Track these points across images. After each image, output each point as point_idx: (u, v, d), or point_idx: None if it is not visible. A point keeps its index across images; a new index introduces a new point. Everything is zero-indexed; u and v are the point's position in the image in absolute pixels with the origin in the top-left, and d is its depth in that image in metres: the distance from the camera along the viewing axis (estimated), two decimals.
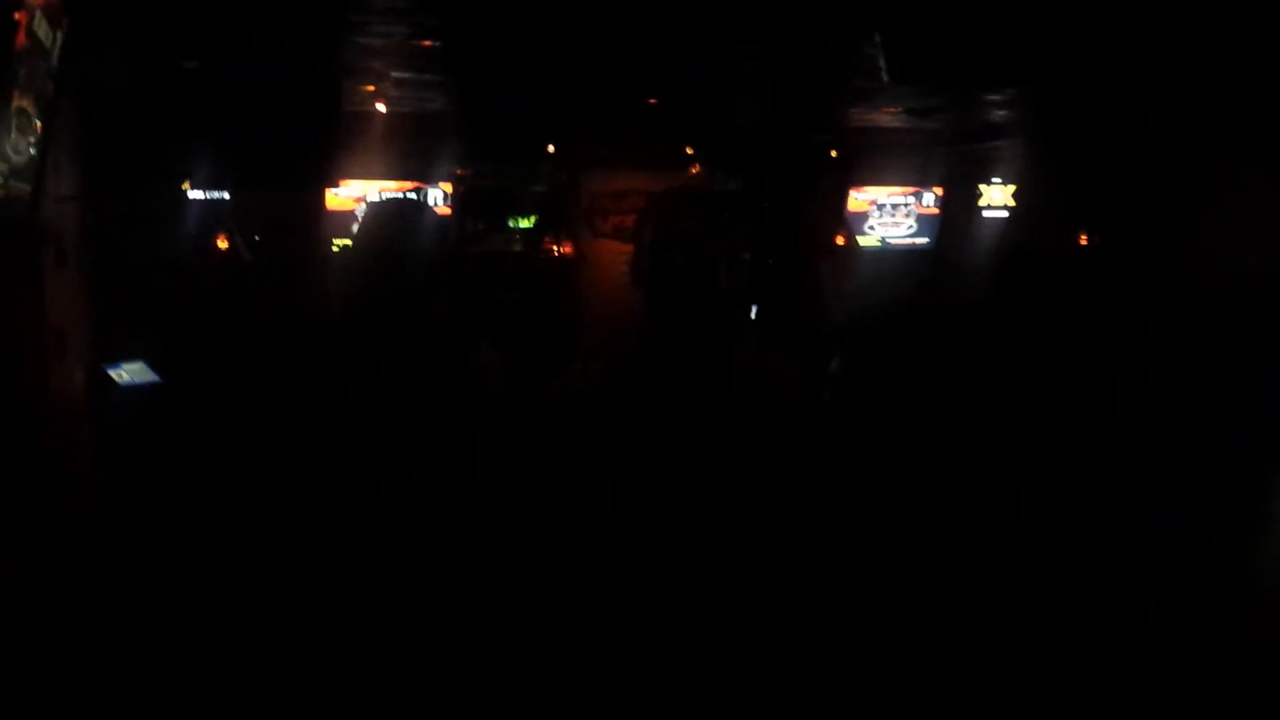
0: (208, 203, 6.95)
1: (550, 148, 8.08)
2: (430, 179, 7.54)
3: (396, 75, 5.69)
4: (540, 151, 8.12)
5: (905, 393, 2.29)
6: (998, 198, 8.74)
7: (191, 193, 6.84)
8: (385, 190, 7.48)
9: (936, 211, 8.79)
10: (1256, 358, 3.41)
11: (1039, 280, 6.62)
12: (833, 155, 8.21)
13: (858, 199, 8.66)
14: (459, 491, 2.06)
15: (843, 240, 8.40)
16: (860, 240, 8.60)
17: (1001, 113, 6.81)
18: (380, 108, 6.72)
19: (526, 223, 8.34)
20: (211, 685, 2.33)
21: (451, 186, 7.76)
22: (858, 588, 2.08)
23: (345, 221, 7.59)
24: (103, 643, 2.75)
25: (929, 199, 8.77)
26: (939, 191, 8.76)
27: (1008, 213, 8.68)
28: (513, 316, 7.04)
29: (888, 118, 7.26)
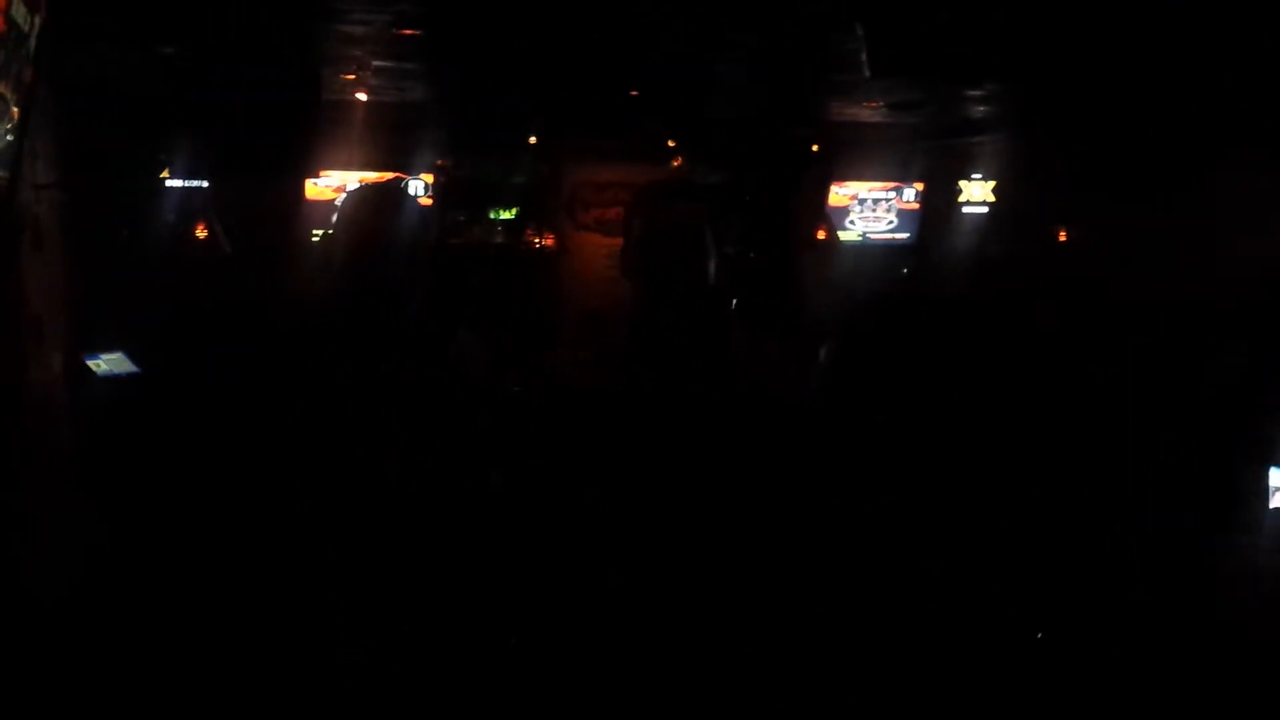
0: (186, 191, 6.89)
1: (532, 139, 8.06)
2: (411, 169, 7.50)
3: (378, 64, 5.66)
4: (522, 143, 8.10)
5: (888, 388, 2.30)
6: (978, 193, 8.78)
7: (170, 181, 6.79)
8: (365, 180, 7.44)
9: (917, 206, 8.82)
10: (1238, 354, 3.44)
11: (1017, 276, 6.67)
12: (814, 150, 8.22)
13: (839, 194, 8.68)
14: (457, 491, 2.05)
15: (823, 234, 8.43)
16: (841, 235, 8.61)
17: (982, 108, 6.84)
18: (361, 97, 6.68)
19: (508, 214, 8.31)
20: (211, 685, 2.30)
21: (433, 177, 7.72)
22: (857, 587, 2.08)
23: (325, 212, 7.54)
24: (95, 640, 2.71)
25: (910, 194, 8.79)
26: (920, 187, 8.79)
27: (987, 208, 8.72)
28: (492, 307, 7.02)
29: (869, 112, 7.28)
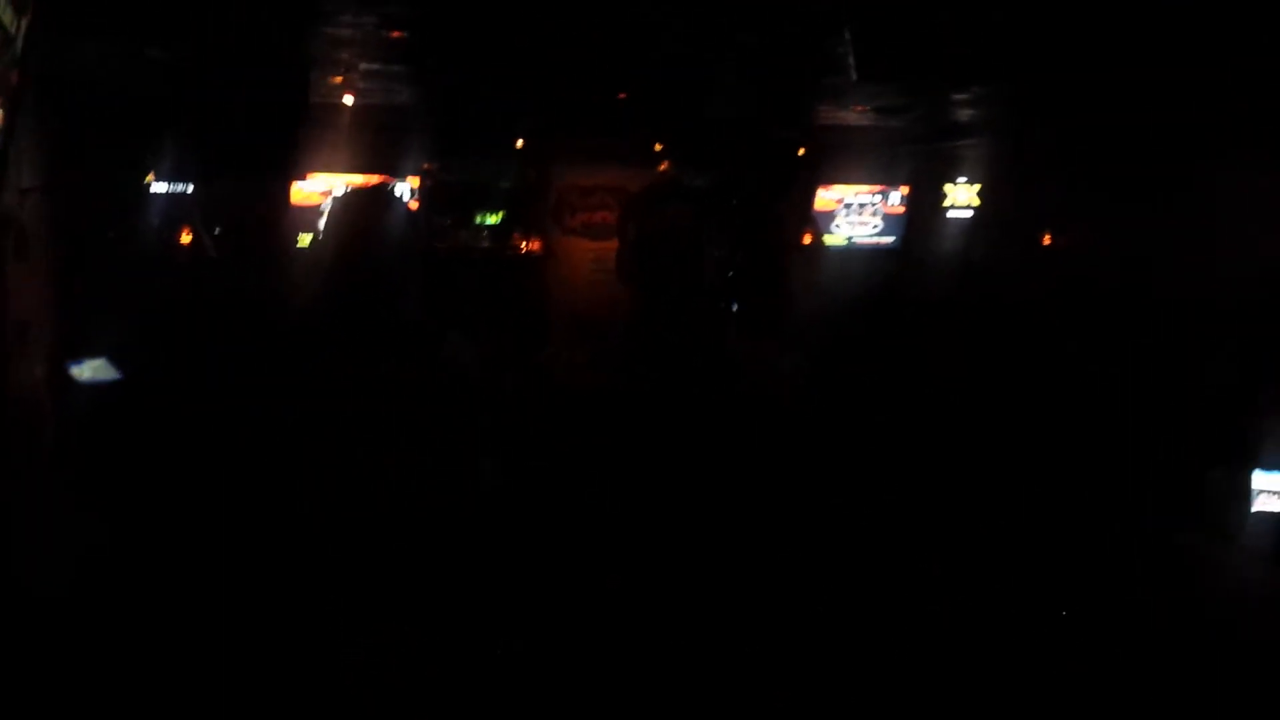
0: (171, 195, 6.85)
1: (518, 143, 8.05)
2: (397, 173, 7.48)
3: (365, 67, 5.65)
4: (508, 147, 8.08)
5: (880, 390, 2.31)
6: (962, 197, 8.81)
7: (155, 185, 6.74)
8: (352, 184, 7.41)
9: (902, 210, 8.84)
10: (1222, 358, 3.47)
11: (1002, 279, 6.70)
12: (800, 153, 8.24)
13: (825, 197, 8.69)
14: (454, 490, 2.05)
15: (809, 238, 8.44)
16: (827, 239, 8.63)
17: (969, 112, 6.86)
18: (348, 100, 6.66)
19: (494, 219, 8.29)
20: (212, 685, 2.29)
21: (419, 181, 7.70)
22: (856, 587, 2.09)
23: (311, 216, 7.51)
24: (91, 643, 2.70)
25: (895, 198, 8.82)
26: (905, 191, 8.81)
27: (972, 212, 8.76)
28: (480, 311, 7.00)
29: (856, 116, 7.30)
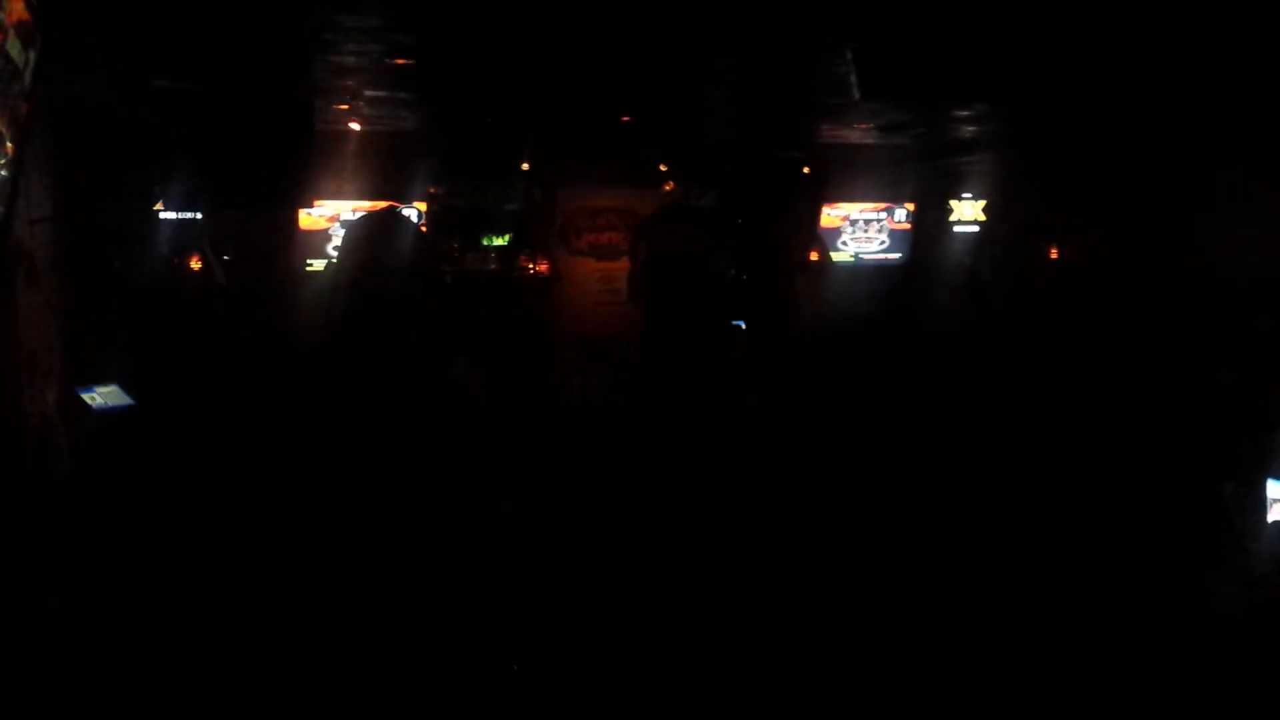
0: (180, 223, 6.90)
1: (525, 166, 8.09)
2: (404, 198, 7.52)
3: (370, 94, 5.69)
4: (515, 170, 8.12)
5: (887, 400, 2.31)
6: (968, 213, 8.82)
7: (164, 213, 6.80)
8: (359, 210, 7.44)
9: (908, 226, 8.85)
10: (1236, 365, 3.46)
11: (1010, 292, 6.70)
12: (805, 171, 8.26)
13: (831, 215, 8.71)
14: (459, 494, 2.06)
15: (816, 256, 8.46)
16: (833, 256, 8.64)
17: (972, 128, 6.88)
18: (354, 126, 6.71)
19: (501, 241, 8.32)
20: (212, 686, 2.31)
21: (425, 205, 7.73)
22: (857, 587, 2.09)
23: (319, 242, 7.55)
24: (96, 655, 2.72)
25: (901, 214, 8.83)
26: (911, 207, 8.82)
27: (978, 227, 8.76)
28: (489, 332, 7.03)
29: (859, 134, 7.32)
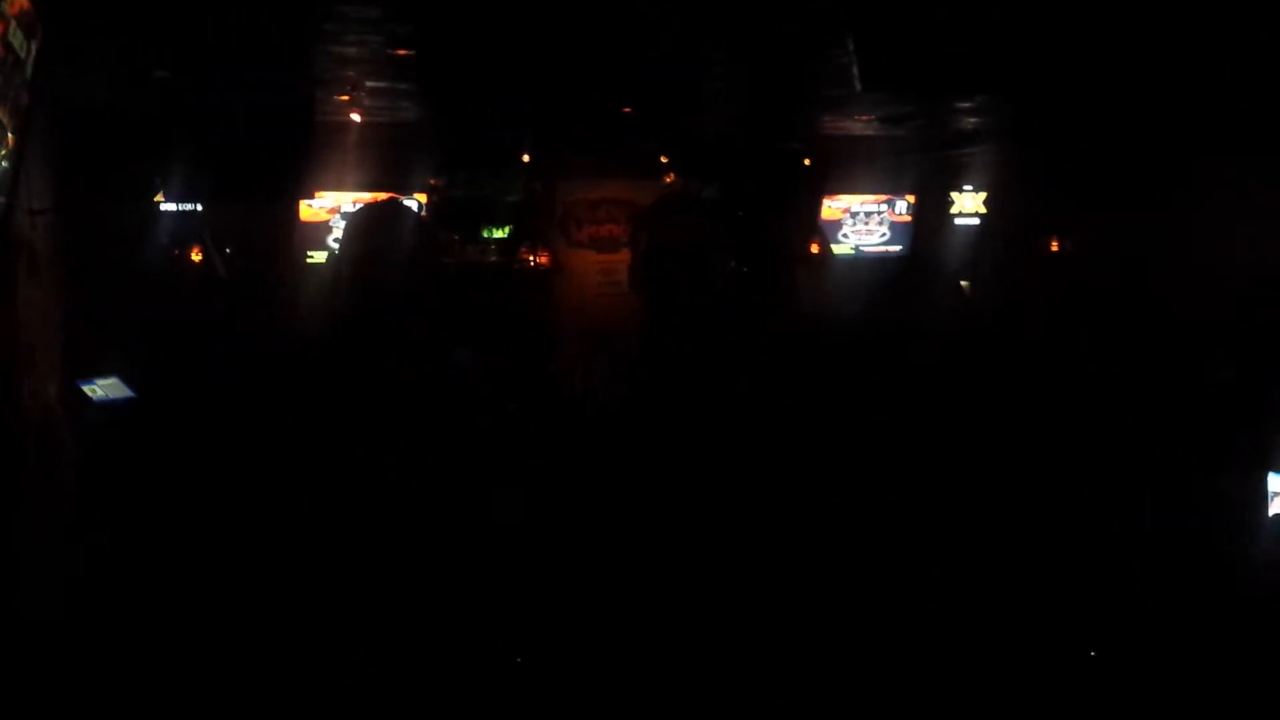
0: (181, 215, 6.88)
1: (525, 158, 8.08)
2: (405, 189, 7.50)
3: (371, 85, 5.68)
4: (515, 162, 8.11)
5: (888, 395, 2.31)
6: (969, 205, 8.82)
7: (165, 205, 6.79)
8: (360, 201, 7.43)
9: (909, 219, 8.85)
10: (1237, 361, 3.46)
11: (1010, 286, 6.70)
12: (806, 163, 8.25)
13: (831, 207, 8.71)
14: (458, 491, 2.06)
15: (817, 248, 8.46)
16: (834, 248, 8.64)
17: (973, 120, 6.87)
18: (355, 118, 6.70)
19: (501, 233, 8.32)
20: (213, 686, 2.32)
21: (426, 197, 7.72)
22: (857, 587, 2.09)
23: (320, 234, 7.55)
24: (97, 650, 2.73)
25: (901, 206, 8.83)
26: (911, 199, 8.83)
27: (979, 220, 8.76)
28: (489, 324, 7.03)
29: (860, 126, 7.31)
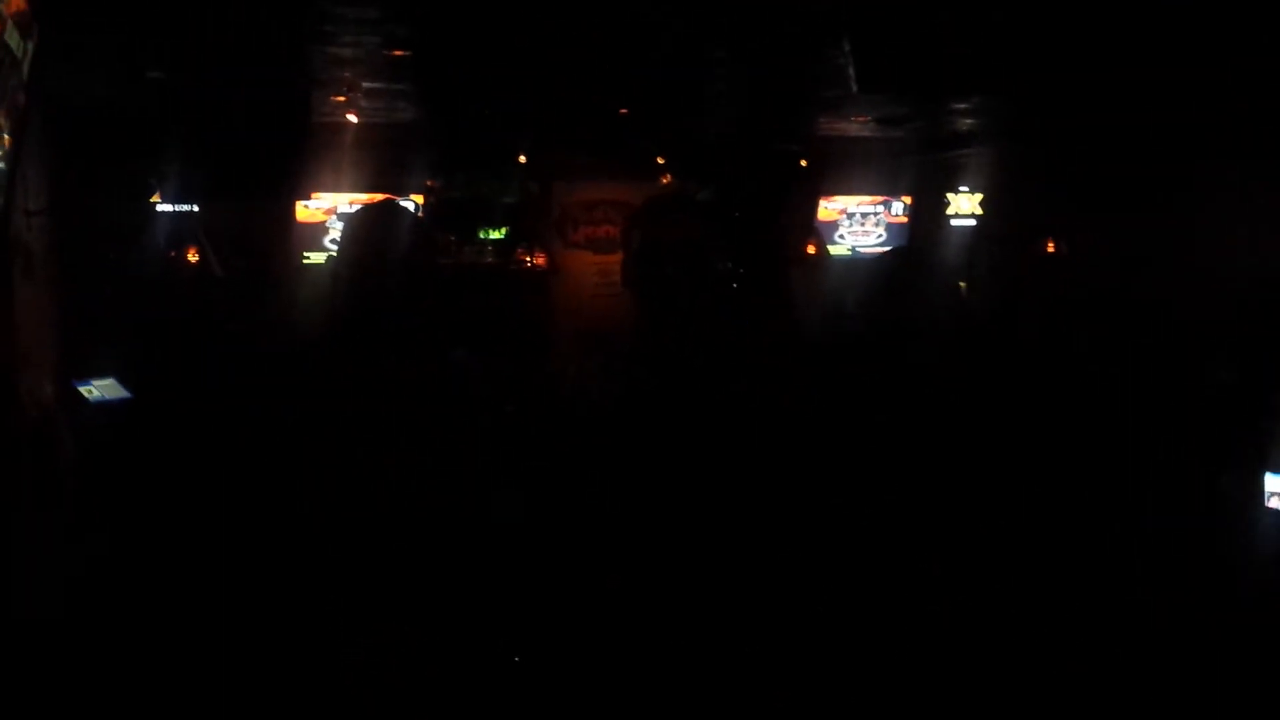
0: (177, 215, 6.88)
1: (522, 159, 8.07)
2: (401, 190, 7.50)
3: (368, 85, 5.68)
4: (511, 163, 8.11)
5: (885, 395, 2.31)
6: (965, 206, 8.84)
7: (161, 205, 6.78)
8: (356, 202, 7.43)
9: (905, 220, 8.87)
10: (1233, 359, 3.47)
11: (1006, 287, 6.70)
12: (802, 164, 8.26)
13: (828, 208, 8.72)
14: (458, 492, 2.06)
15: (813, 249, 8.47)
16: (830, 249, 8.65)
17: (970, 121, 6.88)
18: (351, 119, 6.69)
19: (498, 234, 8.31)
20: (213, 686, 2.31)
21: (423, 198, 7.72)
22: (857, 587, 2.09)
23: (316, 235, 7.54)
24: (95, 651, 2.73)
25: (898, 208, 8.85)
26: (907, 200, 8.84)
27: (975, 221, 8.77)
28: (486, 325, 7.01)
29: (857, 127, 7.32)
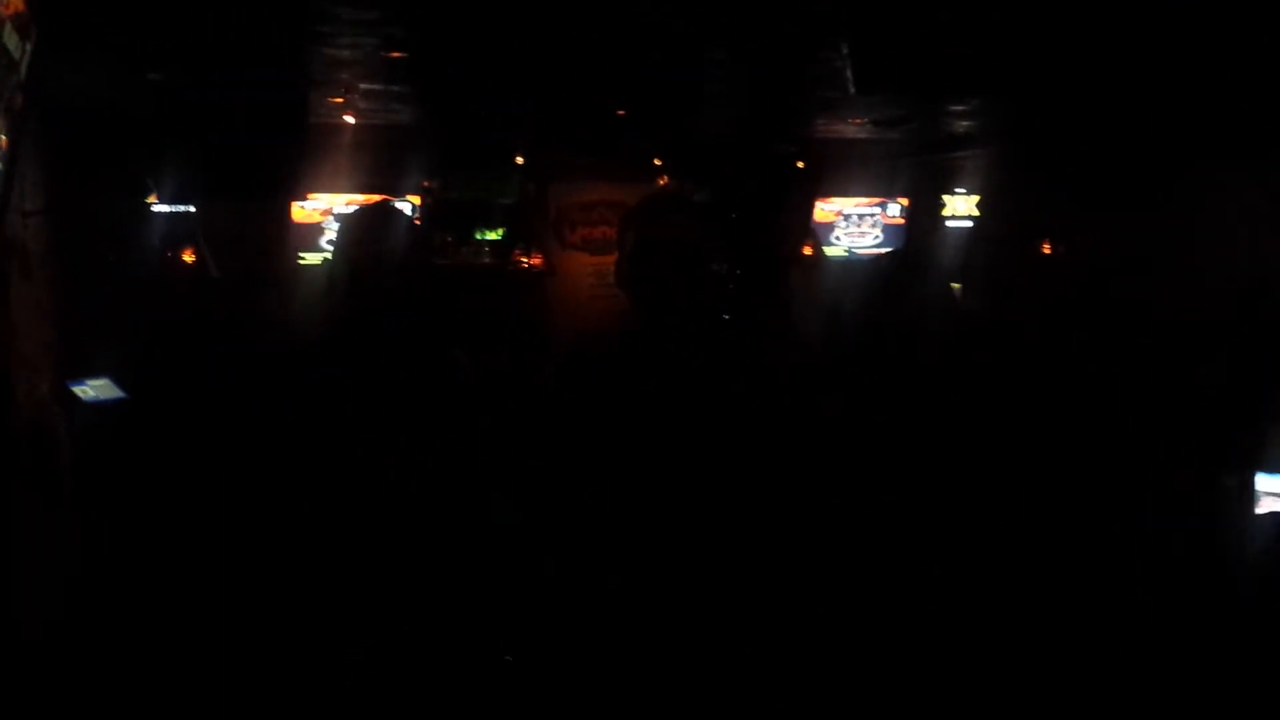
0: (173, 216, 6.87)
1: (518, 160, 8.08)
2: (398, 192, 7.49)
3: (365, 87, 5.68)
4: (508, 164, 8.11)
5: (883, 396, 2.32)
6: (961, 208, 8.85)
7: (157, 206, 6.77)
8: (353, 203, 7.42)
9: (902, 221, 8.89)
10: (1223, 362, 3.47)
11: (1001, 288, 6.70)
12: (799, 166, 8.27)
13: (824, 209, 8.73)
14: (454, 492, 2.06)
15: (810, 250, 8.48)
16: (827, 250, 8.67)
17: (967, 123, 6.89)
18: (348, 120, 6.69)
19: (495, 235, 8.31)
20: (213, 686, 2.32)
21: (419, 199, 7.72)
22: (857, 587, 2.10)
23: (312, 235, 7.54)
24: (93, 651, 2.73)
25: (894, 209, 8.87)
26: (904, 202, 8.86)
27: (971, 223, 8.79)
28: (482, 326, 7.01)
29: (854, 128, 7.33)
